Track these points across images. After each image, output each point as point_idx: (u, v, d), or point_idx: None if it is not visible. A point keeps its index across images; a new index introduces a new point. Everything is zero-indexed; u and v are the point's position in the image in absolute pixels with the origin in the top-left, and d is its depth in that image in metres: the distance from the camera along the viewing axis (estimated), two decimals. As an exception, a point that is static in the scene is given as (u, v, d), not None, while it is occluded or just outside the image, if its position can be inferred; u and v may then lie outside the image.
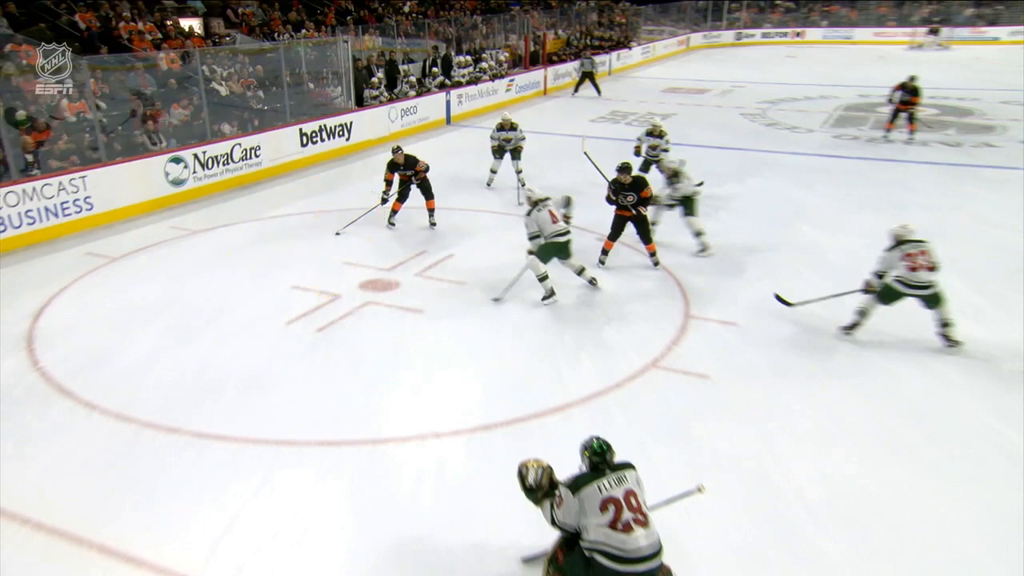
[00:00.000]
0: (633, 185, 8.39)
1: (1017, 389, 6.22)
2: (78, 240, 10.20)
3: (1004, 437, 5.61)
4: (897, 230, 6.81)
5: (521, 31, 26.55)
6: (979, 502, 4.94)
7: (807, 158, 14.55)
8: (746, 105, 20.60)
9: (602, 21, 33.06)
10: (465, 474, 5.26)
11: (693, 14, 38.97)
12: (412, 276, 8.76)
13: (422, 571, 4.40)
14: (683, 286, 8.35)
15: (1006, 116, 17.86)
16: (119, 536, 4.66)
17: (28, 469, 5.36)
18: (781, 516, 4.80)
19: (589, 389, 6.29)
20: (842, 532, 4.67)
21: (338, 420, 5.91)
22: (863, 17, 38.20)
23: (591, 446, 3.79)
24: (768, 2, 40.78)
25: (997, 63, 27.70)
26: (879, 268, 6.78)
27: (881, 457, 5.42)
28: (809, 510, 4.86)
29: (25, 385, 6.49)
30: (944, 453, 5.46)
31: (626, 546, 3.54)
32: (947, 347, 6.76)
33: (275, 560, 4.49)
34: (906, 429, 5.75)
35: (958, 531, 4.68)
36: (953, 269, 8.69)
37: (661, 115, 18.91)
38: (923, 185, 12.48)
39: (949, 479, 5.17)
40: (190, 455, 5.50)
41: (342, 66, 16.47)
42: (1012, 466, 5.28)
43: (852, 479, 5.18)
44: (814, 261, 9.09)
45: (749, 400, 6.17)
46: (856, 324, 6.99)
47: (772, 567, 4.37)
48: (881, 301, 6.81)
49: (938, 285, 6.58)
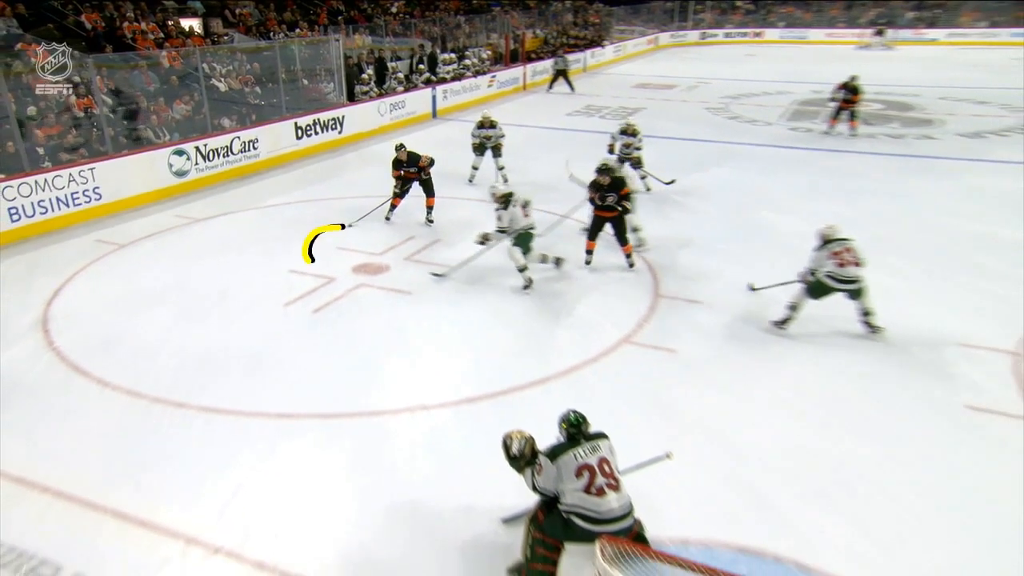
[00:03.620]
0: (612, 185, 7.97)
1: (957, 360, 6.33)
2: (88, 228, 10.05)
3: (944, 403, 5.71)
4: (824, 230, 6.65)
5: (502, 30, 26.33)
6: (923, 459, 5.04)
7: (766, 149, 14.60)
8: (710, 100, 20.61)
9: (577, 21, 32.84)
10: (454, 443, 5.27)
11: (661, 15, 38.81)
12: (402, 260, 8.72)
13: (415, 531, 4.41)
14: (653, 267, 8.38)
15: (944, 111, 18.01)
16: (133, 502, 4.65)
17: (47, 442, 5.32)
18: (743, 478, 4.86)
19: (567, 363, 6.31)
20: (799, 491, 4.73)
21: (335, 394, 5.88)
22: (816, 19, 38.28)
23: (568, 419, 3.84)
24: (729, 4, 40.74)
25: (935, 62, 27.90)
26: (810, 266, 6.60)
27: (835, 423, 5.50)
28: (769, 472, 4.92)
29: (42, 365, 6.41)
30: (892, 418, 5.54)
31: (600, 508, 3.58)
32: (869, 333, 6.66)
33: (279, 522, 4.49)
34: (856, 398, 5.83)
35: (906, 487, 4.77)
36: (899, 251, 8.86)
37: (632, 109, 18.98)
38: (870, 173, 12.57)
39: (898, 442, 5.26)
40: (198, 428, 5.47)
41: (334, 63, 16.30)
42: (954, 428, 5.41)
43: (808, 443, 5.24)
44: (773, 243, 9.14)
45: (714, 373, 6.22)
46: (788, 318, 6.77)
47: (734, 523, 4.42)
48: (811, 296, 6.61)
49: (863, 279, 6.45)
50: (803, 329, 6.77)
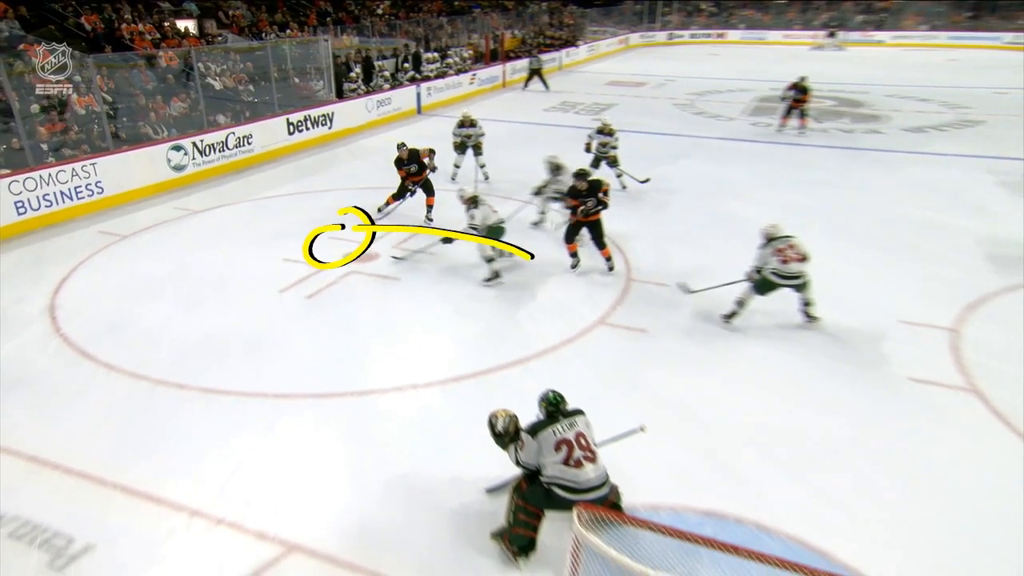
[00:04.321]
0: (591, 190, 7.47)
1: (901, 337, 6.44)
2: (91, 220, 9.87)
3: (890, 376, 5.82)
4: (767, 229, 6.39)
5: (482, 31, 26.10)
6: (871, 427, 5.15)
7: (729, 142, 14.67)
8: (677, 96, 20.63)
9: (553, 22, 32.63)
10: (441, 419, 5.28)
11: (631, 16, 38.69)
12: (390, 249, 8.67)
13: (407, 500, 4.43)
14: (625, 254, 8.42)
15: (890, 107, 18.19)
16: (139, 477, 4.62)
17: (58, 422, 5.26)
18: (709, 448, 4.93)
19: (546, 344, 6.32)
20: (760, 459, 4.81)
21: (329, 375, 5.85)
22: (774, 21, 38.42)
23: (547, 398, 3.88)
24: (694, 7, 40.73)
25: (882, 62, 28.14)
26: (756, 264, 6.40)
27: (792, 397, 5.58)
28: (733, 442, 5.00)
29: (51, 350, 6.31)
30: (844, 391, 5.64)
31: (578, 479, 3.63)
32: (807, 323, 6.55)
33: (278, 495, 4.48)
34: (811, 373, 5.92)
35: (856, 452, 4.87)
36: (849, 236, 8.98)
37: (605, 105, 18.95)
38: (824, 164, 12.70)
39: (848, 412, 5.35)
40: (200, 408, 5.42)
41: (323, 62, 16.08)
42: (898, 399, 5.51)
43: (768, 415, 5.33)
44: (735, 229, 9.16)
45: (682, 351, 6.27)
46: (735, 313, 6.57)
47: (700, 489, 4.50)
48: (758, 292, 6.41)
49: (807, 274, 6.25)
50: (764, 310, 6.84)
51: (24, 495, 4.48)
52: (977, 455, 4.86)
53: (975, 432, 5.11)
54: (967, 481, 4.61)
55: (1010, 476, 4.66)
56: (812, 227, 9.27)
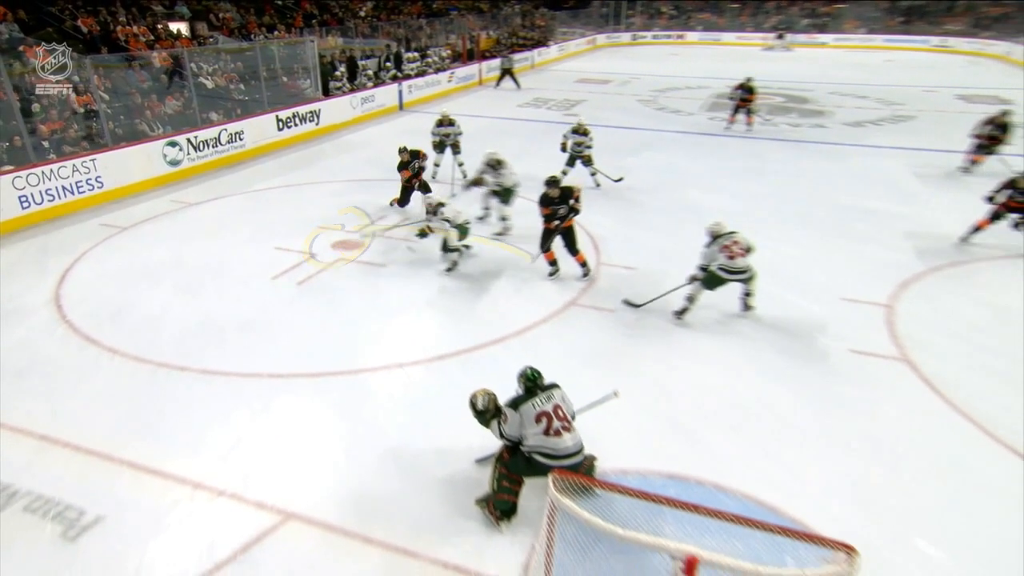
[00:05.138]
0: (563, 197, 6.93)
1: (842, 312, 6.56)
2: (92, 213, 9.60)
3: (832, 348, 5.94)
4: (712, 227, 6.19)
5: (459, 32, 25.74)
6: (816, 394, 5.25)
7: (688, 135, 14.70)
8: (641, 93, 20.59)
9: (525, 24, 32.28)
10: (426, 394, 5.27)
11: (598, 18, 38.46)
12: (375, 237, 8.58)
13: (395, 470, 4.43)
14: (595, 240, 8.43)
15: (833, 103, 18.36)
16: (144, 454, 4.56)
17: (66, 404, 5.16)
18: (671, 416, 5.00)
19: (522, 323, 6.33)
20: (718, 426, 4.90)
21: (321, 356, 5.80)
22: (729, 24, 38.42)
23: (525, 374, 3.89)
24: (656, 10, 40.59)
25: (826, 62, 28.33)
26: (703, 262, 6.18)
27: (747, 368, 5.67)
28: (693, 411, 5.07)
29: (57, 336, 6.16)
30: (792, 363, 5.73)
31: (557, 447, 3.66)
32: (742, 311, 6.45)
33: (275, 468, 4.46)
34: (764, 346, 6.01)
35: (804, 417, 4.98)
36: (795, 221, 9.10)
37: (575, 101, 18.86)
38: (774, 156, 12.80)
39: (796, 381, 5.46)
40: (199, 388, 5.34)
41: (310, 62, 15.74)
42: (840, 369, 5.63)
43: (725, 385, 5.41)
44: (692, 215, 9.22)
45: (646, 328, 6.32)
46: (686, 309, 6.35)
47: (664, 454, 4.56)
48: (707, 287, 6.23)
49: (753, 268, 6.12)
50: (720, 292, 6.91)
51: (37, 472, 4.42)
52: (909, 417, 5.00)
53: (907, 397, 5.25)
54: (900, 440, 4.74)
55: (937, 434, 4.82)
56: (762, 212, 9.45)
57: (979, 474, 4.43)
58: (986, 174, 10.65)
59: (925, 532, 3.96)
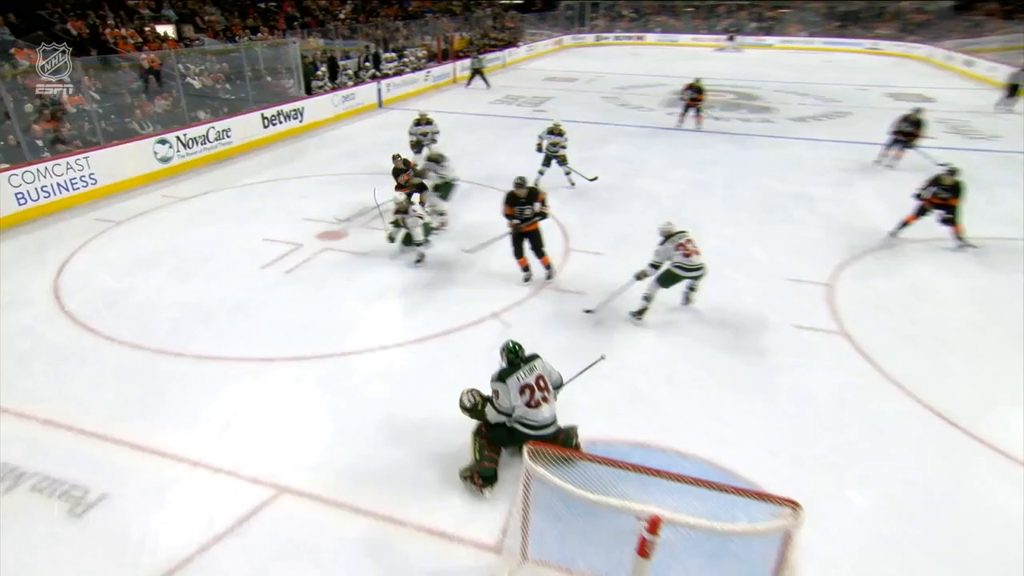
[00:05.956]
0: (529, 197, 6.51)
1: (787, 292, 6.67)
2: (87, 208, 9.27)
3: (778, 324, 6.03)
4: (664, 227, 5.93)
5: (434, 33, 25.27)
6: (764, 365, 5.35)
7: (647, 129, 14.72)
8: (605, 90, 20.50)
9: (496, 25, 31.82)
10: (408, 374, 5.23)
11: (564, 20, 38.10)
12: (358, 228, 8.46)
13: (382, 444, 4.41)
14: (563, 227, 8.43)
15: (778, 100, 18.53)
16: (144, 434, 4.49)
17: (68, 389, 5.04)
18: (636, 389, 5.06)
19: (497, 306, 6.32)
20: (677, 396, 4.97)
21: (308, 339, 5.72)
22: (684, 26, 38.40)
23: (508, 347, 3.89)
24: (617, 12, 40.42)
25: (772, 62, 28.55)
26: (656, 260, 5.86)
27: (702, 343, 5.76)
28: (655, 383, 5.14)
29: (57, 325, 5.98)
30: (742, 338, 5.82)
31: (536, 418, 3.69)
32: (683, 304, 6.30)
33: (268, 444, 4.41)
34: (715, 324, 6.10)
35: (752, 386, 5.06)
36: (742, 208, 9.21)
37: (543, 98, 18.72)
38: (724, 148, 12.89)
39: (746, 354, 5.55)
40: (193, 371, 5.24)
41: (293, 62, 15.33)
42: (786, 342, 5.73)
43: (681, 359, 5.49)
44: (651, 203, 9.32)
45: (612, 308, 6.34)
46: (643, 309, 6.04)
47: (628, 425, 4.63)
48: (662, 285, 5.93)
49: (706, 266, 5.86)
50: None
51: (42, 453, 4.33)
52: (847, 385, 5.14)
53: (845, 367, 5.39)
54: (839, 405, 4.88)
55: (871, 400, 4.96)
56: (711, 199, 9.56)
57: (903, 431, 4.60)
58: (907, 168, 10.89)
59: (855, 484, 4.11)
